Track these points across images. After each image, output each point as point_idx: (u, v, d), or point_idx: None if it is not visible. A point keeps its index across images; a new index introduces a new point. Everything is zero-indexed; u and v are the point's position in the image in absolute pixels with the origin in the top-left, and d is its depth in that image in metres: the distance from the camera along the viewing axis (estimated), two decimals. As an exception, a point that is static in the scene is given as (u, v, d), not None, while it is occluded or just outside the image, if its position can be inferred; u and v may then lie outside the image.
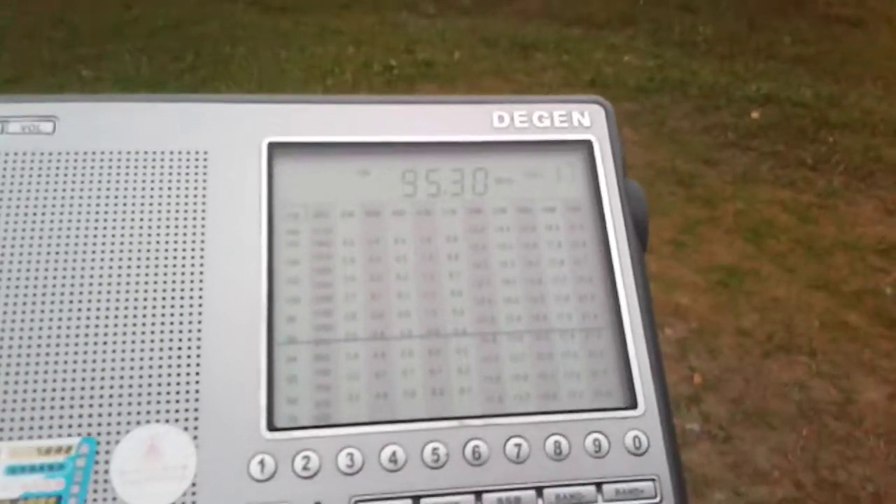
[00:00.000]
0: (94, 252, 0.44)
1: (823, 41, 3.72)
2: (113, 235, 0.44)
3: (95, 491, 0.39)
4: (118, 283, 0.43)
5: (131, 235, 0.45)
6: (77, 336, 0.42)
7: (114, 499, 0.39)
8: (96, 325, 0.42)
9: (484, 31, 3.89)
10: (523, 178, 0.51)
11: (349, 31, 3.84)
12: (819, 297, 2.07)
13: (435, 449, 0.43)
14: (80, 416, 0.41)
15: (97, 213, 0.45)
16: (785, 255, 2.25)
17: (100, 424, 0.41)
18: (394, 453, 0.42)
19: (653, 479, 0.44)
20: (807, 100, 3.15)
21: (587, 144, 0.52)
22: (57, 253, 0.44)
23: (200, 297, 0.44)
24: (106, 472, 0.40)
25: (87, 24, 3.84)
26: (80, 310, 0.43)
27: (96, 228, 0.44)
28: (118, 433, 0.41)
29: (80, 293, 0.43)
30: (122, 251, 0.44)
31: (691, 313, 2.00)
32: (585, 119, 0.53)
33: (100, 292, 0.43)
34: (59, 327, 0.42)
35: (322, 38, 3.77)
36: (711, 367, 1.82)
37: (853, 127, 2.97)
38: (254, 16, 4.05)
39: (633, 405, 0.45)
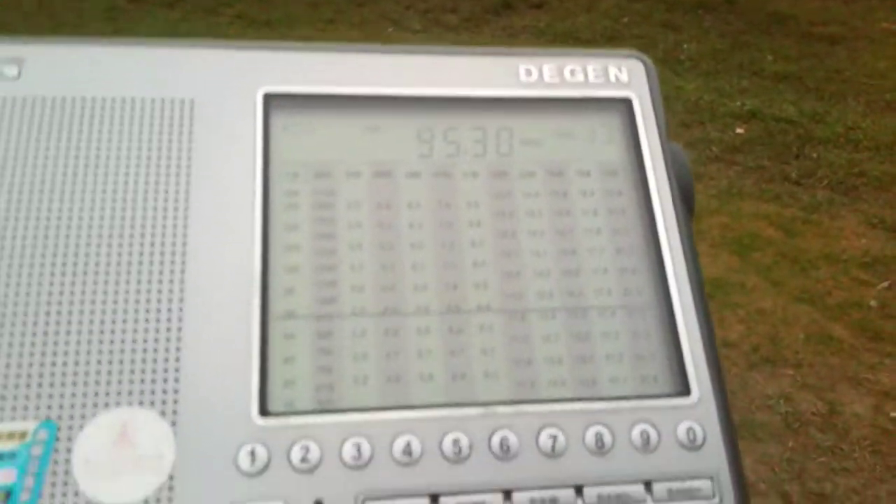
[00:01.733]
0: (60, 211, 0.38)
1: (806, 59, 3.74)
2: (83, 193, 0.39)
3: (54, 484, 0.33)
4: (87, 247, 0.37)
5: (104, 193, 0.39)
6: (38, 304, 0.36)
7: (76, 493, 0.33)
8: (60, 293, 0.36)
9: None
10: (553, 138, 0.45)
11: (335, 46, 3.83)
12: (804, 309, 2.07)
13: (456, 440, 0.37)
14: (39, 396, 0.35)
15: (65, 168, 0.39)
16: (770, 268, 2.24)
17: (61, 407, 0.34)
18: (408, 444, 0.36)
19: (710, 478, 0.38)
20: (790, 116, 3.16)
21: (626, 103, 0.46)
22: (18, 210, 0.38)
23: (183, 264, 0.38)
24: (67, 461, 0.34)
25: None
26: (41, 275, 0.37)
27: (63, 185, 0.39)
28: (83, 417, 0.34)
29: (43, 256, 0.37)
30: (92, 211, 0.38)
31: (677, 325, 1.98)
32: (623, 75, 0.47)
33: (65, 255, 0.37)
34: (17, 294, 0.36)
35: (308, 53, 3.74)
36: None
37: (837, 142, 2.98)
38: (239, 29, 4.04)
39: (686, 392, 0.39)
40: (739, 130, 3.07)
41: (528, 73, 0.46)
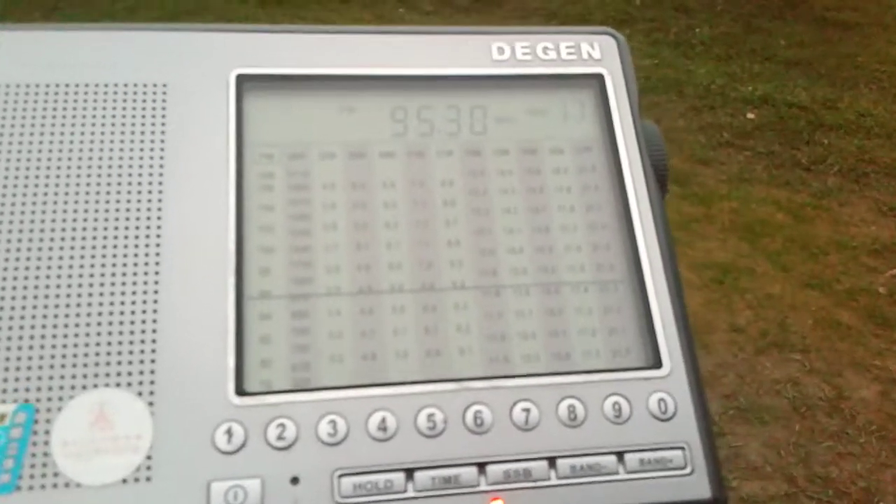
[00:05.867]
0: (35, 196, 0.38)
1: (818, 44, 3.72)
2: (57, 178, 0.39)
3: (33, 466, 0.34)
4: (63, 231, 0.38)
5: (78, 178, 0.39)
6: (14, 288, 0.36)
7: (55, 474, 0.34)
8: (36, 277, 0.37)
9: (481, 29, 3.87)
10: (526, 116, 0.45)
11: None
12: (813, 295, 2.07)
13: (431, 415, 0.37)
14: (17, 379, 0.35)
15: (40, 153, 0.39)
16: (779, 253, 2.24)
17: (39, 389, 0.35)
18: (383, 420, 0.37)
19: (682, 448, 0.38)
20: (802, 101, 3.15)
21: (598, 79, 0.46)
22: None
23: (158, 246, 0.38)
24: (46, 443, 0.34)
25: (81, 17, 3.81)
26: (17, 259, 0.37)
27: (38, 170, 0.39)
28: (61, 399, 0.35)
29: (20, 240, 0.37)
30: (67, 196, 0.38)
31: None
32: (596, 51, 0.47)
33: (41, 240, 0.37)
34: None
35: (319, 33, 3.72)
36: (705, 363, 1.81)
37: (848, 129, 2.97)
38: (251, 9, 4.02)
39: (657, 364, 0.40)
40: (750, 115, 3.06)
41: (501, 51, 0.46)
